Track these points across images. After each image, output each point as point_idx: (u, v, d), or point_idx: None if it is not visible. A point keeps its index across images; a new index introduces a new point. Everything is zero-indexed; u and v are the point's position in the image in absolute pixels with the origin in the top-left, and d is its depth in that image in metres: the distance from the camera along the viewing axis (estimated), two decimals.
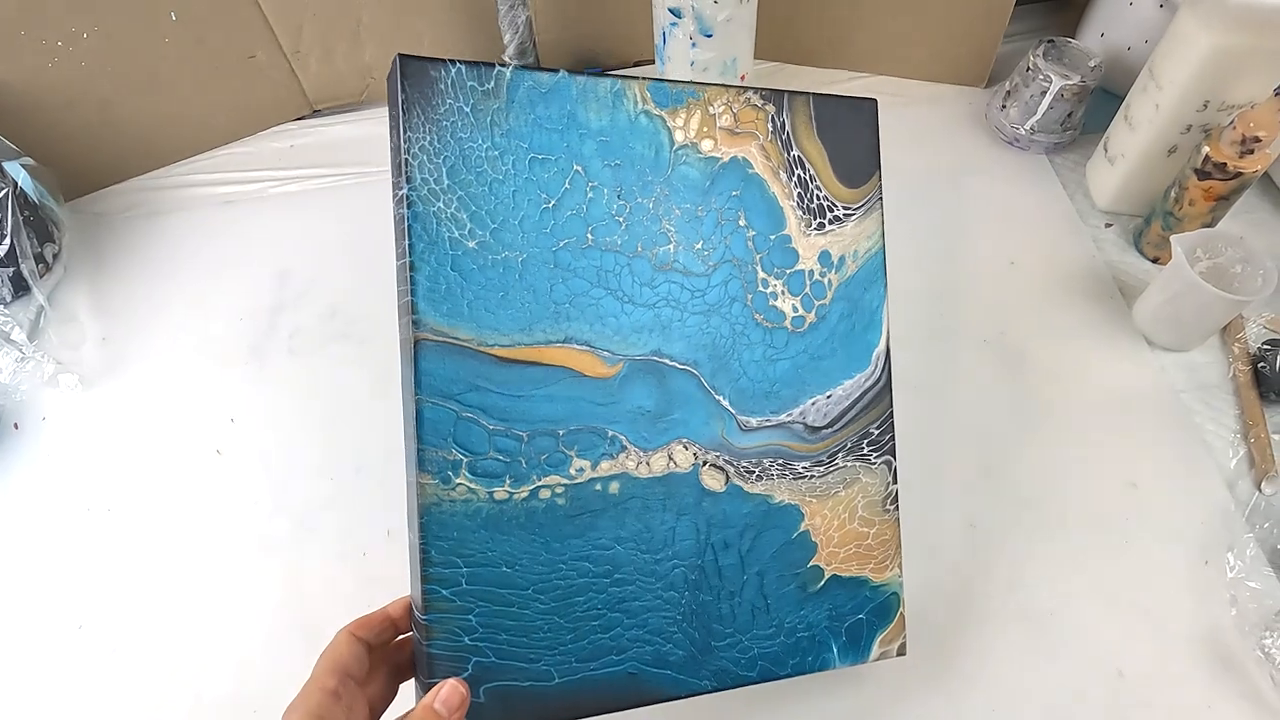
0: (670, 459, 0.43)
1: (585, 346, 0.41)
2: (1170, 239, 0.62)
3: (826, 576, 0.47)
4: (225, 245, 0.75)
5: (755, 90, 0.45)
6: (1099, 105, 0.78)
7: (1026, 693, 0.52)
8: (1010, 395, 0.65)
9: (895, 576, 0.49)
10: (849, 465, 0.47)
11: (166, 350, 0.68)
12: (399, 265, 0.39)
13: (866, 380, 0.48)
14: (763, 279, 0.45)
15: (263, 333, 0.69)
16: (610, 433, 0.42)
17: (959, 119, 0.83)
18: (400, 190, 0.38)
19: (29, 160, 0.68)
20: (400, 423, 0.40)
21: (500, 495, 0.40)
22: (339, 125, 0.84)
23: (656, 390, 0.43)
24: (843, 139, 0.47)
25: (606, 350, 0.42)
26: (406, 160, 0.38)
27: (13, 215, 0.66)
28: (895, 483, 0.49)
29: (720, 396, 0.44)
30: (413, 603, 0.40)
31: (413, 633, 0.41)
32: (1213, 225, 0.67)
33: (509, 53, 0.79)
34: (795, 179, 0.46)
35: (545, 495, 0.41)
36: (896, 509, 0.49)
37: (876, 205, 0.49)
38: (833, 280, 0.47)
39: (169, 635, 0.55)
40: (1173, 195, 0.67)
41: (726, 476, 0.45)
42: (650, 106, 0.43)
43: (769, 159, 0.45)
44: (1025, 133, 0.78)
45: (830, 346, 0.47)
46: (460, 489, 0.39)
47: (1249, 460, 0.61)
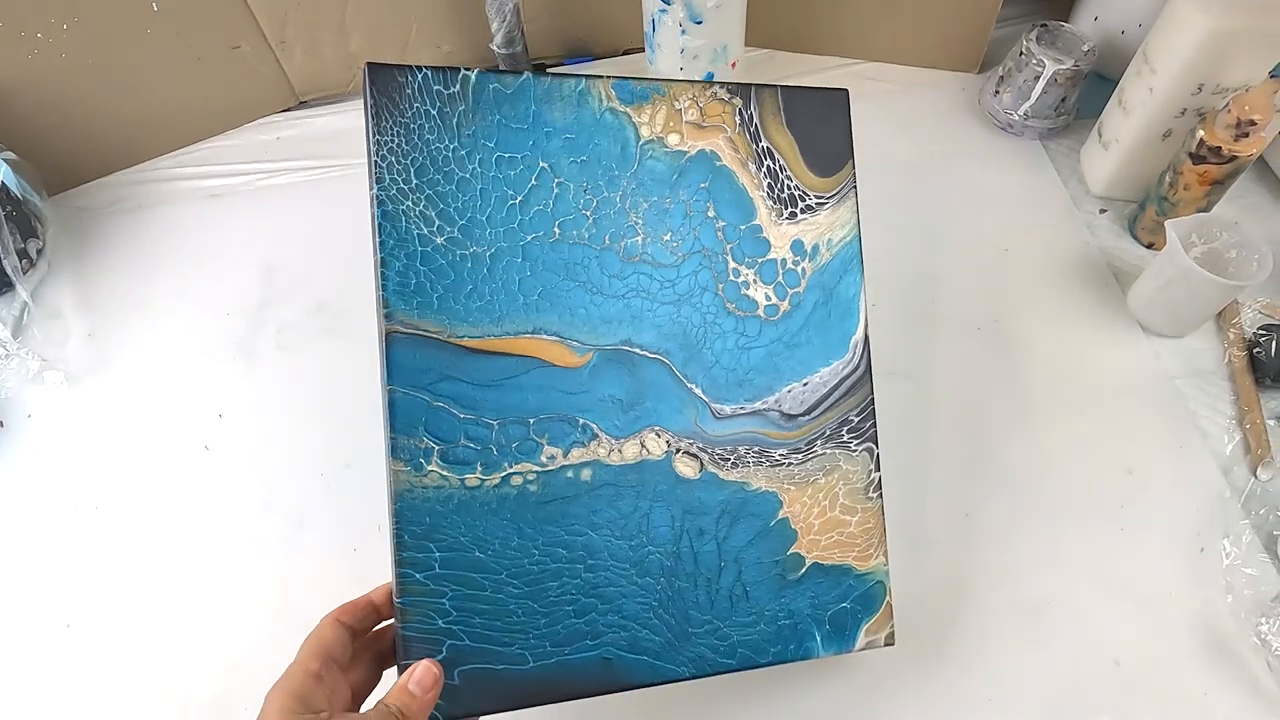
0: (643, 446, 0.44)
1: (555, 337, 0.43)
2: (1165, 224, 0.61)
3: (807, 564, 0.47)
4: (211, 239, 0.74)
5: (721, 85, 0.46)
6: (1093, 90, 0.77)
7: (1022, 681, 0.52)
8: (1004, 382, 0.64)
9: (880, 565, 0.48)
10: (828, 452, 0.48)
11: (153, 346, 0.67)
12: (374, 262, 0.41)
13: (845, 368, 0.48)
14: (734, 268, 0.46)
15: (250, 327, 0.68)
16: (581, 421, 0.43)
17: (951, 105, 0.83)
18: (371, 190, 0.40)
19: (11, 155, 0.68)
20: None
21: (472, 482, 0.41)
22: (326, 116, 0.83)
23: (627, 379, 0.44)
24: (813, 129, 0.48)
25: (576, 340, 0.43)
26: (376, 163, 0.40)
27: None
28: (878, 470, 0.49)
29: (693, 385, 0.45)
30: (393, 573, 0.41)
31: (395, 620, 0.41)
32: (1208, 210, 0.66)
33: (497, 41, 0.78)
34: (765, 169, 0.47)
35: (517, 482, 0.42)
36: (880, 497, 0.49)
37: (850, 194, 0.49)
38: (806, 269, 0.48)
39: (158, 633, 0.55)
40: (1167, 180, 0.66)
41: (701, 464, 0.45)
42: (615, 104, 0.44)
43: (737, 151, 0.46)
44: (1019, 118, 0.77)
45: (806, 334, 0.47)
46: (432, 475, 0.40)
47: (1244, 446, 0.61)
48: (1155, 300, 0.65)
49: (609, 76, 0.44)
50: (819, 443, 0.48)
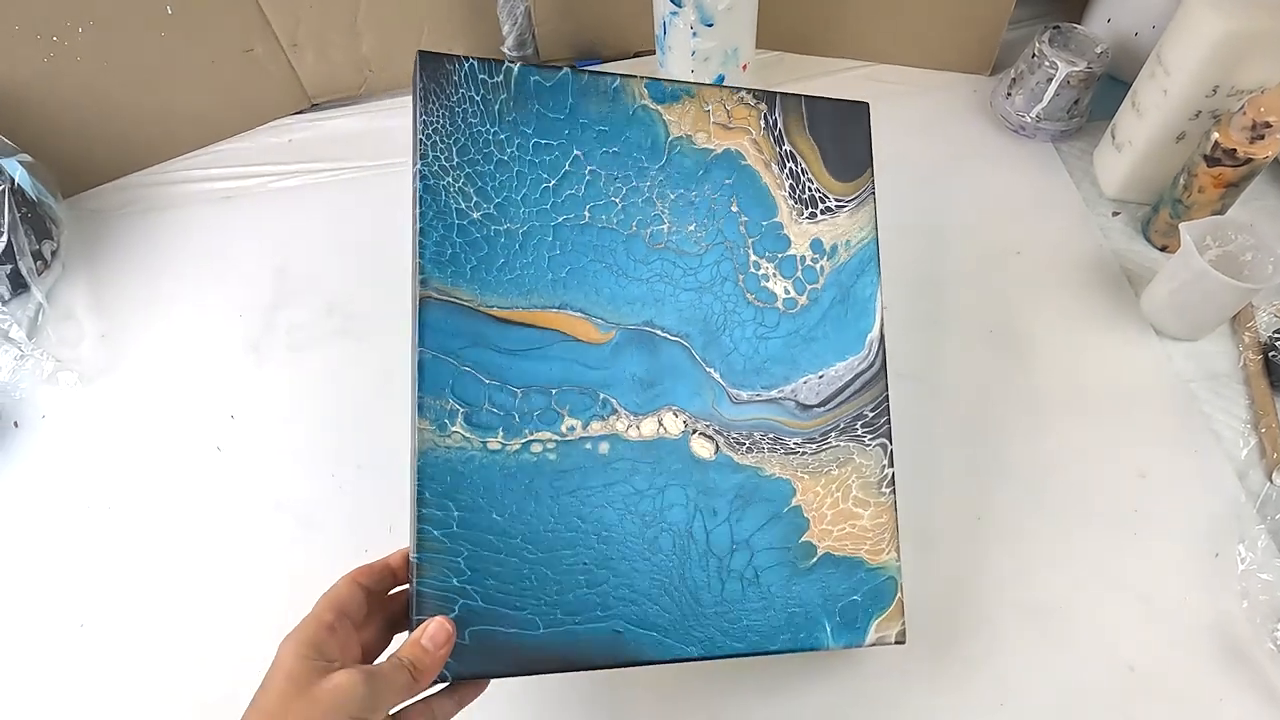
0: (660, 424, 0.45)
1: (580, 313, 0.44)
2: (1179, 226, 0.61)
3: (819, 553, 0.47)
4: (223, 241, 0.74)
5: (749, 90, 0.49)
6: (1106, 92, 0.77)
7: (1035, 687, 0.52)
8: (1016, 385, 0.64)
9: (892, 560, 0.49)
10: (842, 444, 0.49)
11: (165, 347, 0.68)
12: (411, 236, 0.43)
13: (860, 363, 0.49)
14: (754, 261, 0.48)
15: (261, 329, 0.69)
16: (602, 395, 0.44)
17: (963, 107, 0.82)
18: (415, 166, 0.42)
19: (26, 157, 0.68)
20: (400, 418, 0.41)
21: (493, 445, 0.42)
22: (337, 119, 0.84)
23: (648, 358, 0.45)
24: (835, 138, 0.50)
25: (600, 318, 0.45)
26: (420, 140, 0.42)
27: (10, 212, 0.66)
28: (891, 466, 0.49)
29: (711, 369, 0.47)
30: (410, 540, 0.41)
31: (408, 584, 0.41)
32: (1222, 213, 0.66)
33: (508, 44, 0.78)
34: (787, 171, 0.49)
35: (537, 449, 0.43)
36: (893, 493, 0.49)
37: (869, 199, 0.51)
38: (825, 266, 0.50)
39: (170, 633, 0.55)
40: (1181, 182, 0.66)
41: (716, 446, 0.46)
42: (648, 101, 0.47)
43: (761, 152, 0.49)
44: (1031, 120, 0.77)
45: (823, 329, 0.49)
46: (455, 436, 0.41)
47: (1260, 450, 0.60)
48: (1169, 303, 0.64)
49: (642, 77, 0.47)
50: (833, 435, 0.48)
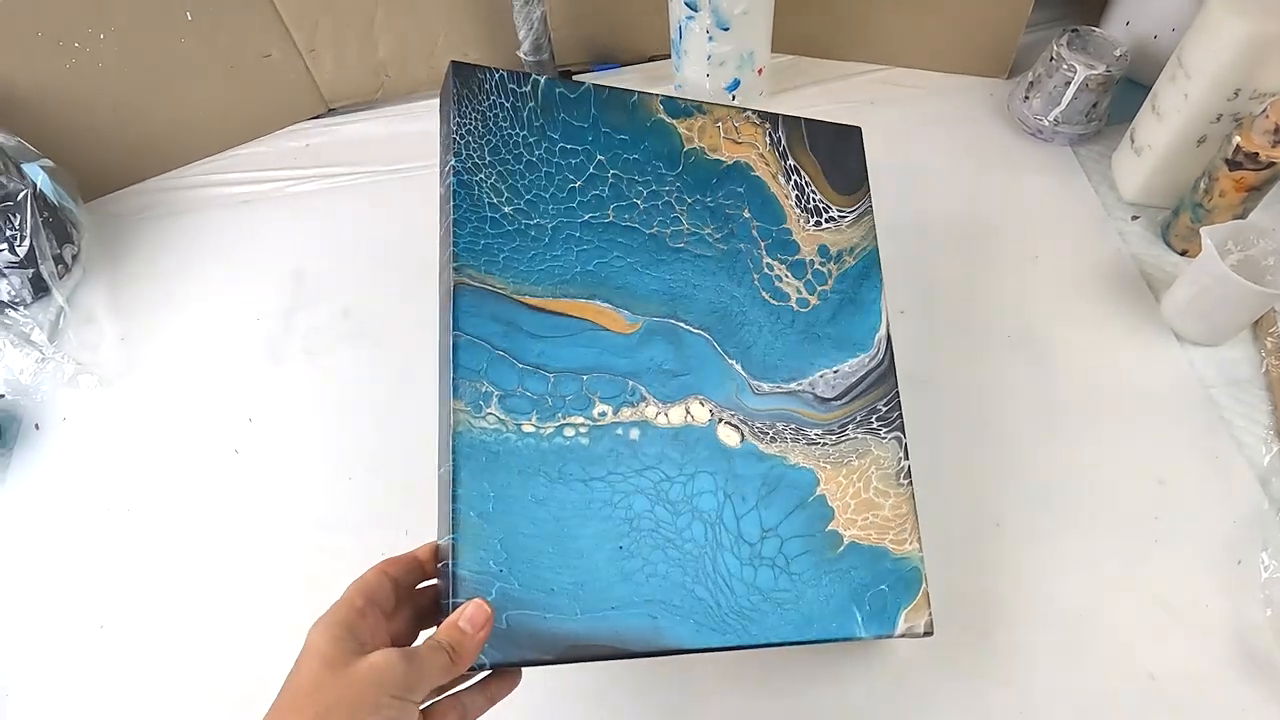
0: (688, 413, 0.47)
1: (608, 304, 0.46)
2: (1200, 231, 0.60)
3: (845, 542, 0.48)
4: (241, 245, 0.75)
5: (754, 111, 0.53)
6: (1125, 95, 0.76)
7: (1055, 694, 0.51)
8: (1035, 391, 0.64)
9: (915, 551, 0.50)
10: (859, 437, 0.50)
11: (184, 350, 0.68)
12: (442, 231, 0.45)
13: (870, 361, 0.52)
14: (768, 263, 0.51)
15: (279, 333, 0.69)
16: (631, 383, 0.46)
17: (981, 110, 0.82)
18: (449, 163, 0.45)
19: (48, 162, 0.69)
20: (418, 420, 0.42)
21: (528, 429, 0.43)
22: (355, 124, 0.84)
23: (674, 349, 0.47)
24: (833, 156, 0.55)
25: (627, 310, 0.47)
26: (455, 140, 0.45)
27: (32, 217, 0.66)
28: (907, 458, 0.51)
29: (733, 361, 0.49)
30: (439, 533, 0.41)
31: (437, 580, 0.41)
32: (1244, 217, 0.65)
33: (524, 48, 0.79)
34: (793, 183, 0.53)
35: (570, 434, 0.44)
36: (910, 484, 0.51)
37: (868, 213, 0.55)
38: (832, 270, 0.53)
39: (189, 634, 0.55)
40: (1202, 186, 0.65)
41: (742, 435, 0.47)
42: (664, 115, 0.50)
43: (768, 164, 0.52)
44: (1049, 124, 0.77)
45: (834, 327, 0.52)
46: (490, 418, 0.42)
47: None
48: (1189, 308, 0.64)
49: (657, 94, 0.50)
50: (850, 427, 0.50)
